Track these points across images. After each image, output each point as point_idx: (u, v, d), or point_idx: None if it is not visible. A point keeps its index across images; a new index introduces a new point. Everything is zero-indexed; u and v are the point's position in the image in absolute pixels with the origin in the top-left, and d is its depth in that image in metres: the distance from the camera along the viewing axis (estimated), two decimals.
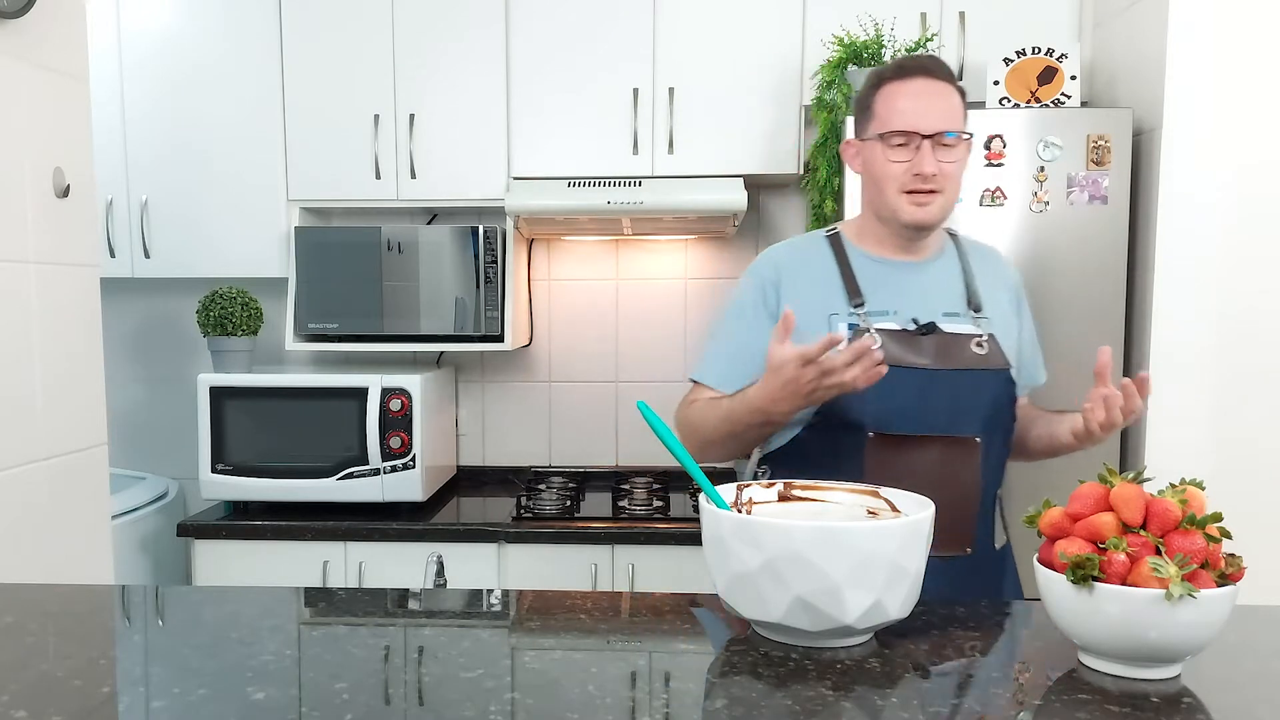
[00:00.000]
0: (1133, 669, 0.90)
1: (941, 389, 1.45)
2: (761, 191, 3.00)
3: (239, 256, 2.76)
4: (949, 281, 1.55)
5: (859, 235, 1.58)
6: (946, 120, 1.46)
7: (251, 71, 2.72)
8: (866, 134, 1.52)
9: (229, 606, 1.12)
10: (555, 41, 2.68)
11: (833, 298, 1.52)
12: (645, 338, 3.07)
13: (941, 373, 1.46)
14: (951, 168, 1.47)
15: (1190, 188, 2.22)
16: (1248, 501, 2.20)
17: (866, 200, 1.56)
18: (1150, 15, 2.28)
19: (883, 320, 1.49)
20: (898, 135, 1.46)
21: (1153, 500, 0.91)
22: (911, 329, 1.48)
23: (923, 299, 1.51)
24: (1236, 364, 2.23)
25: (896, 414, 1.44)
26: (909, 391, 1.44)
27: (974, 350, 1.48)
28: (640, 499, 2.69)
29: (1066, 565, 0.89)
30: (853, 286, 1.52)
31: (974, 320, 1.51)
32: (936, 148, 1.45)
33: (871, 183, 1.52)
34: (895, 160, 1.47)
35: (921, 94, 1.47)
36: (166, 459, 3.10)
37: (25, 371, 1.58)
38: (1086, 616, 0.89)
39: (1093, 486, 0.94)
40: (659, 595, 1.17)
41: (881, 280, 1.53)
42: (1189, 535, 0.88)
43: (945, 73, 1.50)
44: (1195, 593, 0.85)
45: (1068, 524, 0.94)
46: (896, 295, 1.51)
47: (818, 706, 0.84)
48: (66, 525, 1.67)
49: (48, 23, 1.62)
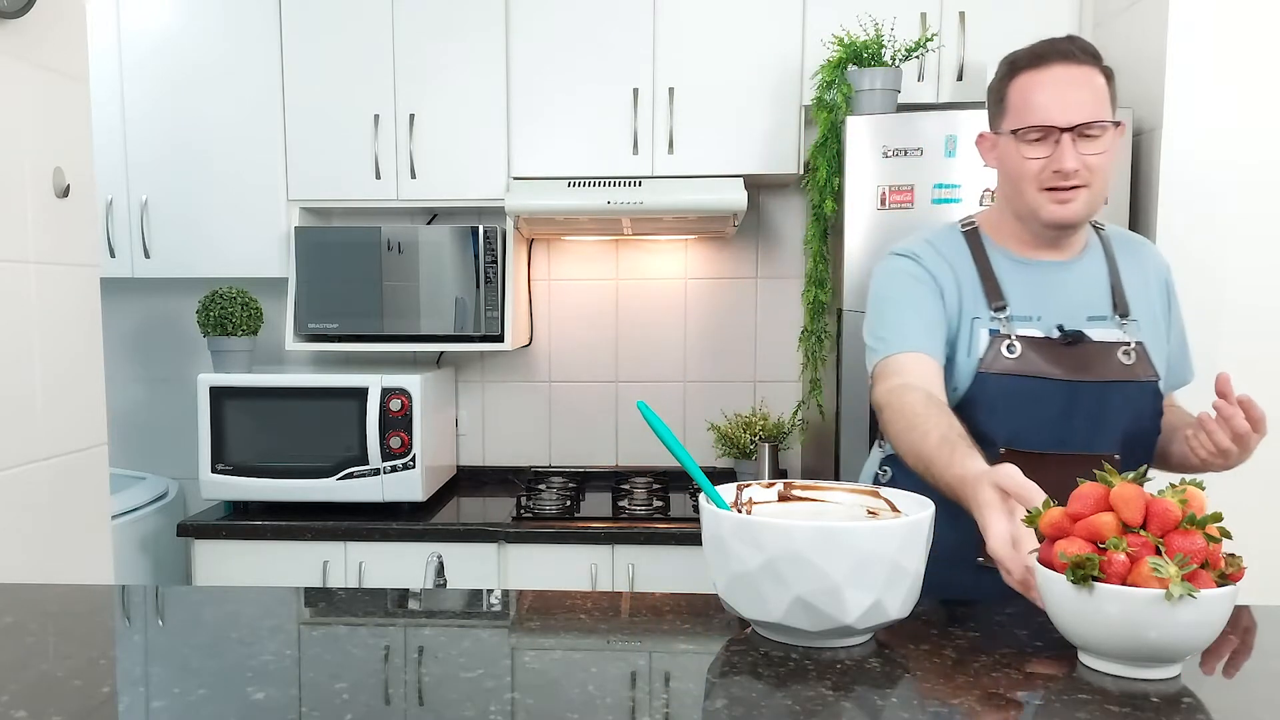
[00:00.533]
0: (1133, 669, 0.90)
1: (1082, 404, 1.35)
2: (761, 191, 3.00)
3: (239, 256, 2.76)
4: (1094, 282, 1.43)
5: (997, 231, 1.46)
6: (1088, 109, 1.33)
7: (251, 71, 2.72)
8: (1000, 128, 1.41)
9: (229, 606, 1.12)
10: (555, 42, 2.68)
11: (974, 299, 1.41)
12: (645, 338, 3.07)
13: (1083, 385, 1.35)
14: (1097, 160, 1.34)
15: (1190, 187, 2.22)
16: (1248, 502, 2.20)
17: (1003, 196, 1.45)
18: (1150, 15, 2.28)
19: (1025, 326, 1.39)
20: (1033, 130, 1.34)
21: (1153, 500, 0.90)
22: (1055, 337, 1.38)
23: (1067, 303, 1.40)
24: (1236, 364, 2.23)
25: (1032, 430, 1.35)
26: (1047, 406, 1.35)
27: (1120, 359, 1.37)
28: (640, 499, 2.69)
29: (1066, 565, 0.89)
30: (994, 289, 1.41)
31: (1121, 326, 1.40)
32: (1078, 140, 1.33)
33: (1008, 180, 1.41)
34: (1032, 157, 1.35)
35: (1059, 83, 1.34)
36: (166, 459, 3.10)
37: (25, 371, 1.58)
38: (1087, 616, 0.89)
39: (1093, 487, 0.94)
40: (659, 595, 1.17)
41: (1024, 282, 1.42)
42: (1189, 535, 0.88)
43: (1086, 55, 1.36)
44: (1195, 593, 0.84)
45: (1068, 524, 0.94)
46: (1040, 299, 1.40)
47: (818, 706, 0.84)
48: (66, 525, 1.67)
49: (48, 23, 1.62)
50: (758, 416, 2.89)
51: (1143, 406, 1.39)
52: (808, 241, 2.66)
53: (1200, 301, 2.23)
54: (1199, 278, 2.23)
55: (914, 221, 2.31)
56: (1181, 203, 2.23)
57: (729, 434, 2.88)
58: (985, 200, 2.29)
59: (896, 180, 2.32)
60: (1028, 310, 1.41)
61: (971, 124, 2.30)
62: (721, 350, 3.06)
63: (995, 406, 1.35)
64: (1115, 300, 1.43)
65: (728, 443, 2.88)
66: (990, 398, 1.37)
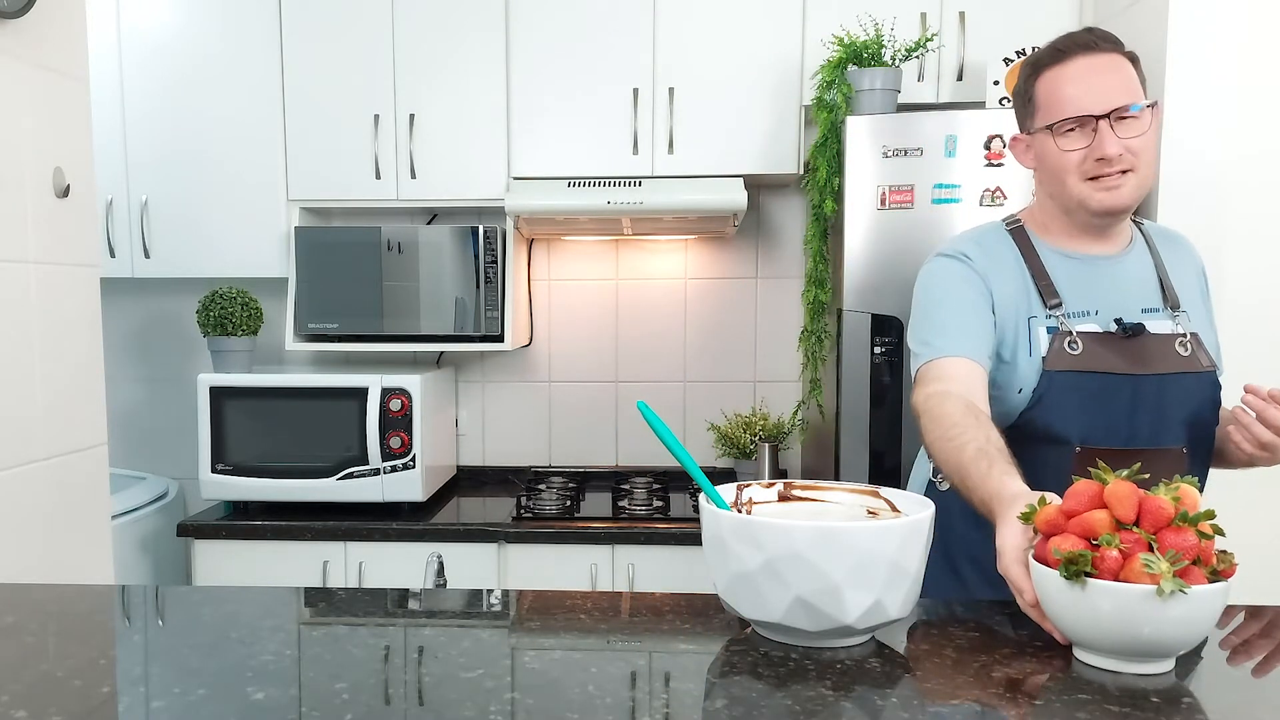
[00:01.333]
0: (1126, 664, 0.91)
1: (1146, 397, 1.34)
2: (761, 191, 3.00)
3: (239, 256, 2.76)
4: (1144, 276, 1.42)
5: (1044, 228, 1.44)
6: (1120, 93, 1.31)
7: (251, 71, 2.72)
8: (1033, 127, 1.39)
9: (229, 606, 1.12)
10: (555, 42, 2.68)
11: (1028, 299, 1.39)
12: (645, 338, 3.07)
13: (1146, 379, 1.34)
14: (1139, 142, 1.32)
15: (1190, 187, 2.22)
16: (1247, 501, 2.20)
17: (1047, 194, 1.42)
18: (1150, 15, 2.28)
19: (1083, 322, 1.37)
20: (1068, 122, 1.33)
21: (1146, 497, 0.91)
22: (1114, 330, 1.36)
23: (1122, 296, 1.39)
24: (1236, 364, 2.23)
25: (1101, 426, 1.34)
26: (1113, 401, 1.34)
27: (1177, 352, 1.36)
28: (640, 499, 2.69)
29: (1060, 561, 0.90)
30: (1047, 286, 1.39)
31: (1173, 318, 1.40)
32: (1117, 124, 1.31)
33: (1049, 175, 1.39)
34: (1071, 149, 1.34)
35: (1086, 73, 1.33)
36: (166, 459, 3.10)
37: (25, 371, 1.58)
38: (1080, 612, 0.90)
39: (1087, 484, 0.95)
40: (659, 595, 1.17)
41: (1076, 277, 1.40)
42: (1181, 532, 0.89)
43: (1107, 43, 1.35)
44: (1186, 589, 0.85)
45: (1063, 521, 0.94)
46: (1094, 294, 1.39)
47: (818, 706, 0.84)
48: (66, 525, 1.67)
49: (48, 23, 1.62)
50: (758, 416, 2.89)
51: (1203, 398, 1.38)
52: (808, 241, 2.66)
53: None
54: None
55: (914, 221, 2.31)
56: (1181, 202, 2.23)
57: (729, 434, 2.88)
58: (985, 200, 2.29)
59: (896, 180, 2.32)
60: (1083, 305, 1.39)
61: (971, 124, 2.30)
62: (721, 350, 3.06)
63: (1064, 404, 1.34)
64: (1165, 292, 1.42)
65: (728, 443, 2.88)
66: (1058, 396, 1.35)
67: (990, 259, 1.42)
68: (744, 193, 2.55)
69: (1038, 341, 1.37)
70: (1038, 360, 1.36)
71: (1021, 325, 1.38)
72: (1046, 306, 1.38)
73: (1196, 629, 0.89)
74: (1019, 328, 1.38)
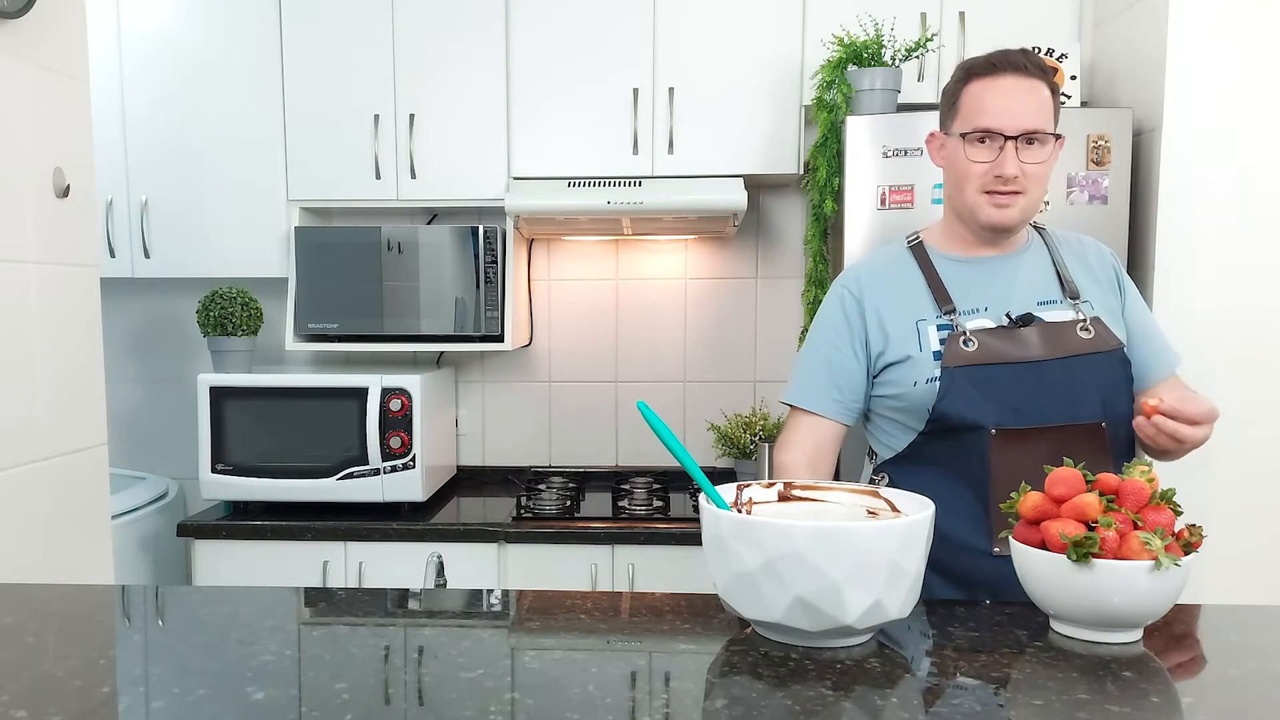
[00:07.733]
0: (1108, 634, 0.99)
1: (1053, 380, 1.43)
2: (761, 191, 3.00)
3: (239, 256, 2.76)
4: (1039, 272, 1.52)
5: (941, 238, 1.56)
6: (1033, 119, 1.41)
7: (251, 72, 2.72)
8: (950, 129, 1.49)
9: (229, 606, 1.12)
10: (555, 41, 2.68)
11: (920, 305, 1.50)
12: (645, 338, 3.07)
13: (1052, 362, 1.43)
14: (1036, 168, 1.43)
15: (1190, 188, 2.22)
16: (1248, 501, 2.20)
17: (946, 195, 1.53)
18: (1150, 15, 2.28)
19: (975, 319, 1.47)
20: (981, 134, 1.43)
21: (1124, 481, 1.01)
22: (1006, 324, 1.46)
23: (1011, 292, 1.49)
24: (1236, 364, 2.23)
25: (1012, 410, 1.42)
26: (1019, 387, 1.42)
27: (1079, 335, 1.45)
28: (640, 499, 2.70)
29: (1067, 545, 0.96)
30: (941, 293, 1.50)
31: (1074, 306, 1.48)
32: (1022, 148, 1.42)
33: (952, 179, 1.50)
34: (977, 160, 1.44)
35: (1009, 91, 1.42)
36: (166, 459, 3.10)
37: (25, 371, 1.58)
38: (1080, 589, 0.97)
39: (1067, 470, 1.03)
40: (659, 595, 1.17)
41: (968, 280, 1.51)
42: (1160, 510, 0.98)
43: (1036, 69, 1.44)
44: (1179, 562, 0.94)
45: (1052, 506, 1.01)
46: (984, 291, 1.49)
47: (818, 706, 0.84)
48: (66, 525, 1.67)
49: (48, 23, 1.62)
50: (758, 416, 2.89)
51: (1116, 374, 1.46)
52: (808, 241, 2.66)
53: (1199, 301, 2.24)
54: (1199, 277, 2.24)
55: (914, 221, 2.30)
56: (1181, 202, 2.23)
57: (729, 434, 2.88)
58: None
59: (896, 180, 2.32)
60: (974, 304, 1.49)
61: None
62: (721, 350, 3.06)
63: (970, 395, 1.42)
64: (1063, 284, 1.51)
65: (728, 443, 2.88)
66: (962, 389, 1.43)
67: (880, 279, 1.55)
68: (744, 193, 2.55)
69: (928, 339, 1.48)
70: (929, 355, 1.47)
71: (910, 328, 1.49)
72: (940, 310, 1.49)
73: (1173, 597, 0.98)
74: (907, 331, 1.49)
